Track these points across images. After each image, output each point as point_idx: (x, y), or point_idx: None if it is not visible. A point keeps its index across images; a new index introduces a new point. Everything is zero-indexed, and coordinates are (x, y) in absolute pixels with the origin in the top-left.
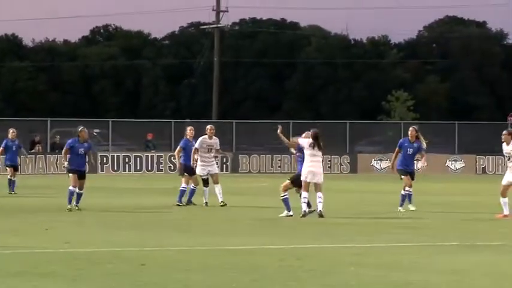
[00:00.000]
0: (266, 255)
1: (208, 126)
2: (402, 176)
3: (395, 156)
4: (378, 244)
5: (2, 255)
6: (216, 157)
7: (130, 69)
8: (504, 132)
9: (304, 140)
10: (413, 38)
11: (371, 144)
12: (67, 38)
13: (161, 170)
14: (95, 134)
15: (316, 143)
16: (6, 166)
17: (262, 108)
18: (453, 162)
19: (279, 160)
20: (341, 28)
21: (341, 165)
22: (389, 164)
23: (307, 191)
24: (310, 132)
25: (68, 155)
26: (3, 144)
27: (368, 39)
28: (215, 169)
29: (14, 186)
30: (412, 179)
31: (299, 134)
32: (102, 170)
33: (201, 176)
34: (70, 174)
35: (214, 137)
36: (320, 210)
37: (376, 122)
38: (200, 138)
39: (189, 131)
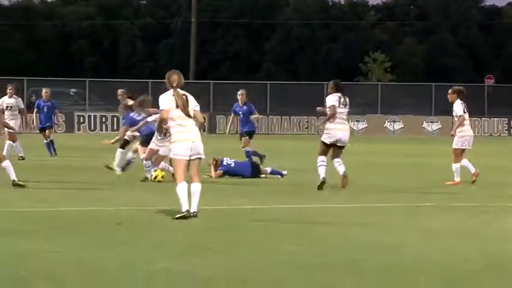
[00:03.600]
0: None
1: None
2: None
3: None
4: (356, 204)
5: None
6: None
7: (107, 29)
8: (450, 91)
9: (332, 98)
10: (391, 0)
11: (349, 106)
12: None
13: None
14: (71, 93)
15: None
16: None
17: (240, 69)
18: (430, 123)
19: None
20: None
21: None
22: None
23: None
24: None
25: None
26: None
27: (346, 0)
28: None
29: None
30: None
31: (276, 94)
32: (79, 130)
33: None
34: None
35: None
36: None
37: (354, 83)
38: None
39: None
